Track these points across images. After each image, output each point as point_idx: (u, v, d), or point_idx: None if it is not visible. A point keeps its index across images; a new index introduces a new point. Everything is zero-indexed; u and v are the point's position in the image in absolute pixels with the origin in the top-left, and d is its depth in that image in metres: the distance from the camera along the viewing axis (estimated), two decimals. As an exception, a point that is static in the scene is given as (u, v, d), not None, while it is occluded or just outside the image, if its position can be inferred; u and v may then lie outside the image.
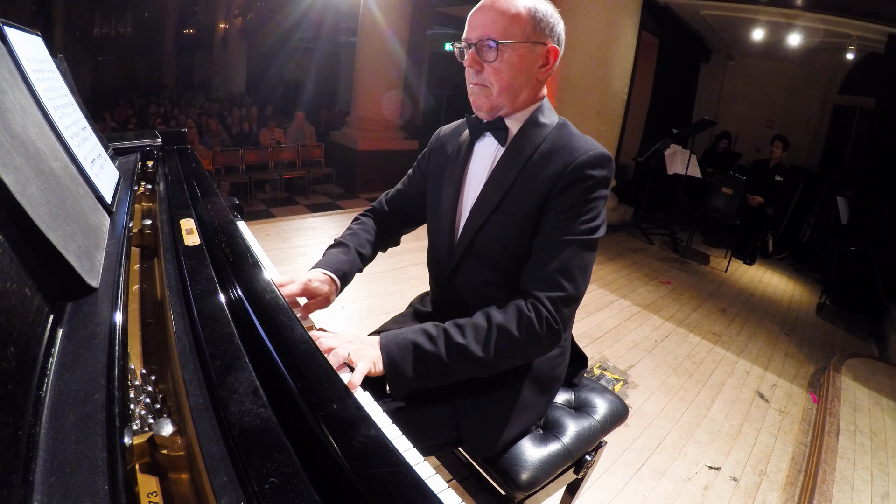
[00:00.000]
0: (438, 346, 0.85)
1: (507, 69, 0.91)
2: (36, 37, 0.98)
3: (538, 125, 0.97)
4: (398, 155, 6.57)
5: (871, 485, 1.88)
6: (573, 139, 0.94)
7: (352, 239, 1.15)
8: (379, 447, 0.49)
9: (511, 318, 0.86)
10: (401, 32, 6.25)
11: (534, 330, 0.86)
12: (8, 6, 8.15)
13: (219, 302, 0.68)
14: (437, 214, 1.08)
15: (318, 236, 4.05)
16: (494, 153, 1.00)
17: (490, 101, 0.94)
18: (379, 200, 1.27)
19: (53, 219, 0.60)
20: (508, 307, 0.88)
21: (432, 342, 0.85)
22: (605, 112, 4.80)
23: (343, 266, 1.08)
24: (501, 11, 0.89)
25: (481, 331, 0.86)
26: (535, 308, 0.87)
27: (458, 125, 1.15)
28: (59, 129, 0.83)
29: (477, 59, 0.92)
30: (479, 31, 0.90)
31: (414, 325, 0.88)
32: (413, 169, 1.22)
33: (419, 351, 0.84)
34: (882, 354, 3.36)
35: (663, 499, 1.77)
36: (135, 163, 1.34)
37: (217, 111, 8.33)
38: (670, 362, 2.77)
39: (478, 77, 0.93)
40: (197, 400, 0.51)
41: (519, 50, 0.90)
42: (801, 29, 5.12)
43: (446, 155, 1.10)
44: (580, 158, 0.90)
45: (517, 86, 0.93)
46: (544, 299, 0.87)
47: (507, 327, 0.86)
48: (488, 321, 0.87)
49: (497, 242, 0.97)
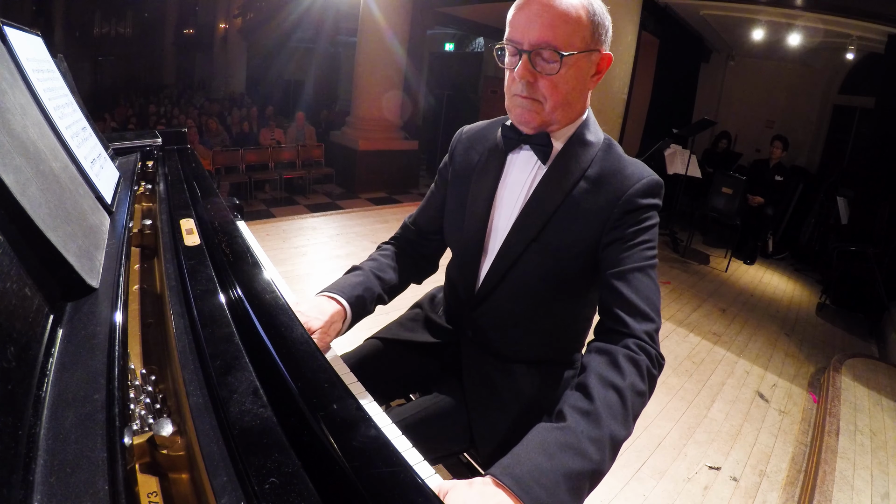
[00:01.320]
0: (591, 457, 0.63)
1: (564, 82, 0.79)
2: (36, 37, 0.98)
3: (584, 144, 0.87)
4: (398, 155, 6.56)
5: (871, 485, 1.88)
6: (623, 164, 0.86)
7: (368, 264, 1.03)
8: (379, 447, 0.49)
9: (632, 373, 0.72)
10: (401, 32, 6.25)
11: (652, 374, 0.75)
12: (8, 6, 8.15)
13: (219, 302, 0.68)
14: (461, 232, 0.97)
15: (318, 236, 4.05)
16: (533, 171, 0.89)
17: (541, 117, 0.83)
18: (402, 225, 1.14)
19: (53, 219, 0.60)
20: (620, 361, 0.72)
21: (581, 456, 0.63)
22: (605, 112, 4.79)
23: (355, 289, 0.94)
24: (561, 14, 0.76)
25: (616, 406, 0.68)
26: (643, 349, 0.75)
27: (485, 127, 1.02)
28: (59, 129, 0.83)
29: (531, 69, 0.79)
30: (535, 35, 0.77)
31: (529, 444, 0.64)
32: (436, 182, 1.09)
33: (574, 477, 0.61)
34: (882, 354, 3.36)
35: (663, 499, 1.77)
36: (135, 163, 1.34)
37: (217, 111, 8.32)
38: (670, 362, 2.76)
39: (529, 90, 0.81)
40: (197, 400, 0.52)
41: (579, 61, 0.79)
42: (801, 29, 5.12)
43: (471, 162, 0.98)
44: (634, 187, 0.82)
45: (572, 100, 0.83)
46: (644, 335, 0.76)
47: (636, 387, 0.71)
48: (617, 391, 0.69)
49: (535, 274, 0.88)
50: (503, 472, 0.60)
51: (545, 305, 0.92)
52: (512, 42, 0.80)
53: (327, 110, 9.59)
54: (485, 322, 0.97)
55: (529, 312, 0.93)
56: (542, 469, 0.60)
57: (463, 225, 0.96)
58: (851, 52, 5.17)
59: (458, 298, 1.02)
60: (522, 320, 0.94)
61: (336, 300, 0.92)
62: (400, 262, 1.07)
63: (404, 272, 1.06)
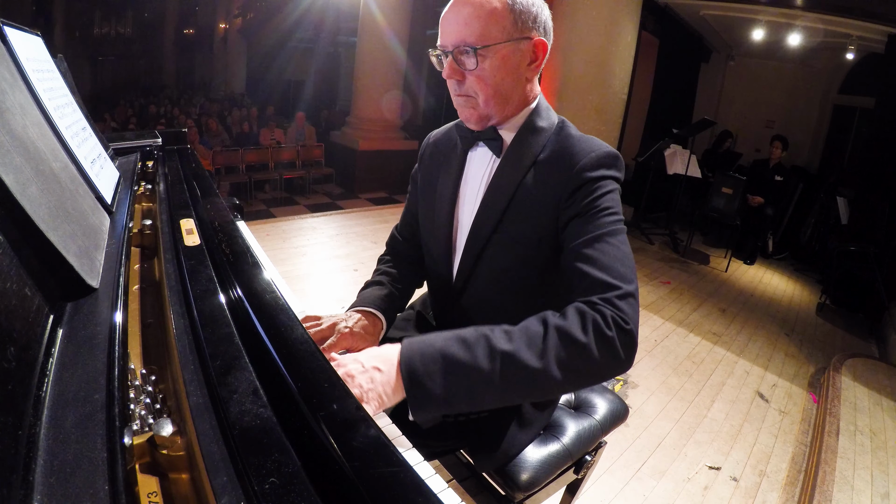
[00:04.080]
0: (476, 354, 0.66)
1: (490, 75, 0.81)
2: (36, 37, 0.98)
3: (535, 130, 0.88)
4: (398, 155, 6.56)
5: (871, 485, 1.88)
6: (573, 142, 0.85)
7: (384, 278, 1.05)
8: (379, 447, 0.49)
9: (573, 319, 0.68)
10: (401, 32, 6.24)
11: (602, 331, 0.67)
12: (8, 6, 8.15)
13: (219, 302, 0.68)
14: (432, 231, 1.00)
15: (318, 236, 4.05)
16: (490, 164, 0.92)
17: (478, 111, 0.86)
18: (391, 234, 1.18)
19: (53, 219, 0.60)
20: (567, 309, 0.71)
21: (467, 349, 0.66)
22: (605, 112, 4.79)
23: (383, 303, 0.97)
24: (475, 9, 0.78)
25: (535, 336, 0.67)
26: (597, 309, 0.69)
27: (449, 129, 1.05)
28: (59, 129, 0.83)
29: (456, 68, 0.82)
30: (453, 36, 0.80)
31: (447, 332, 0.71)
32: (410, 187, 1.14)
33: (451, 361, 0.66)
34: (882, 354, 3.36)
35: (663, 499, 1.77)
36: (135, 163, 1.34)
37: (217, 111, 8.32)
38: (670, 362, 2.76)
39: (460, 88, 0.84)
40: (197, 400, 0.51)
41: (501, 51, 0.79)
42: (801, 29, 5.12)
43: (437, 164, 1.01)
44: (582, 162, 0.81)
45: (505, 91, 0.83)
46: (600, 301, 0.70)
47: (569, 329, 0.67)
48: (544, 324, 0.69)
49: (503, 264, 0.89)
50: (407, 339, 0.70)
51: (521, 295, 0.92)
52: (439, 47, 0.84)
53: (327, 110, 9.59)
54: (468, 315, 0.99)
55: (506, 303, 0.93)
56: (433, 345, 0.67)
57: (433, 224, 0.99)
58: (851, 52, 5.17)
59: (438, 295, 1.05)
60: (501, 311, 0.93)
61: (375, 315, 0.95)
62: (400, 271, 1.09)
63: (407, 280, 1.09)
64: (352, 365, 0.68)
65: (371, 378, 0.66)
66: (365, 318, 0.93)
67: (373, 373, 0.67)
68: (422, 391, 0.65)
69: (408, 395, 0.66)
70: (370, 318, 0.94)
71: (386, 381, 0.66)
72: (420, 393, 0.65)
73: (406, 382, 0.66)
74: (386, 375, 0.66)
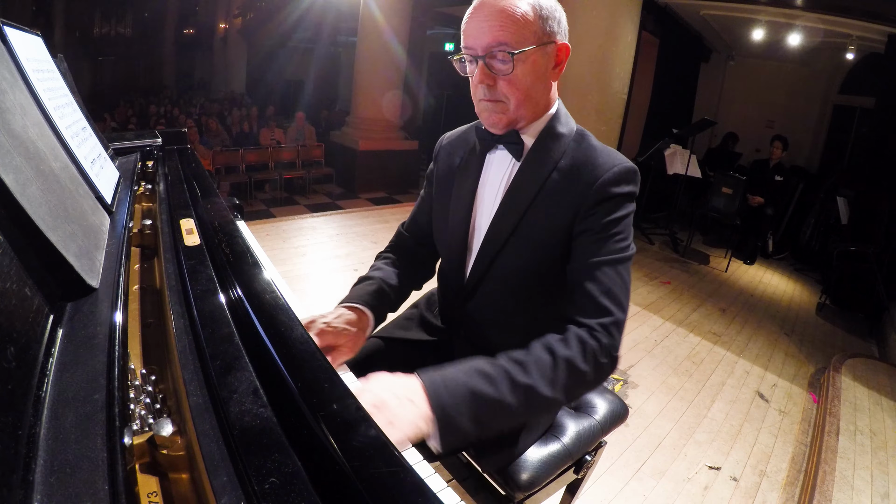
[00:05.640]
0: (501, 389, 0.71)
1: (522, 80, 0.81)
2: (36, 37, 0.98)
3: (556, 136, 0.88)
4: (398, 155, 6.57)
5: (871, 485, 1.88)
6: (595, 153, 0.86)
7: (377, 273, 1.05)
8: (379, 447, 0.49)
9: (576, 350, 0.75)
10: (401, 32, 6.25)
11: (598, 361, 0.76)
12: (8, 6, 8.15)
13: (219, 302, 0.68)
14: (447, 232, 1.00)
15: (318, 236, 4.05)
16: (509, 167, 0.92)
17: (507, 116, 0.85)
18: (397, 232, 1.17)
19: (53, 219, 0.60)
20: (569, 338, 0.77)
21: (492, 384, 0.71)
22: (605, 112, 4.79)
23: (373, 298, 0.97)
24: (508, 14, 0.77)
25: (546, 367, 0.74)
26: (594, 336, 0.77)
27: (465, 131, 1.05)
28: (59, 129, 0.83)
29: (488, 73, 0.81)
30: (485, 40, 0.79)
31: (461, 365, 0.74)
32: (424, 188, 1.13)
33: (479, 397, 0.70)
34: (882, 354, 3.36)
35: (663, 499, 1.77)
36: (135, 163, 1.34)
37: (217, 111, 8.33)
38: (670, 362, 2.77)
39: (491, 93, 0.83)
40: (197, 400, 0.51)
41: (532, 55, 0.80)
42: (801, 29, 5.12)
43: (453, 166, 1.01)
44: (605, 176, 0.82)
45: (535, 96, 0.84)
46: (599, 327, 0.78)
47: (574, 361, 0.74)
48: (552, 355, 0.75)
49: (517, 268, 0.90)
50: (424, 373, 0.71)
51: (532, 299, 0.93)
52: (467, 50, 0.83)
53: (327, 110, 9.60)
54: (475, 319, 0.99)
55: (517, 307, 0.94)
56: (456, 381, 0.71)
57: (448, 225, 0.99)
58: (851, 52, 5.17)
59: (448, 297, 1.05)
60: (511, 315, 0.95)
61: (361, 310, 0.94)
62: (400, 270, 1.08)
63: (405, 279, 1.08)
64: (385, 394, 0.67)
65: (406, 409, 0.67)
66: (351, 313, 0.93)
67: (407, 405, 0.67)
68: (452, 425, 0.68)
69: (440, 428, 0.68)
70: (357, 313, 0.93)
71: (419, 415, 0.67)
72: (451, 427, 0.68)
73: (438, 417, 0.68)
74: (419, 409, 0.67)
